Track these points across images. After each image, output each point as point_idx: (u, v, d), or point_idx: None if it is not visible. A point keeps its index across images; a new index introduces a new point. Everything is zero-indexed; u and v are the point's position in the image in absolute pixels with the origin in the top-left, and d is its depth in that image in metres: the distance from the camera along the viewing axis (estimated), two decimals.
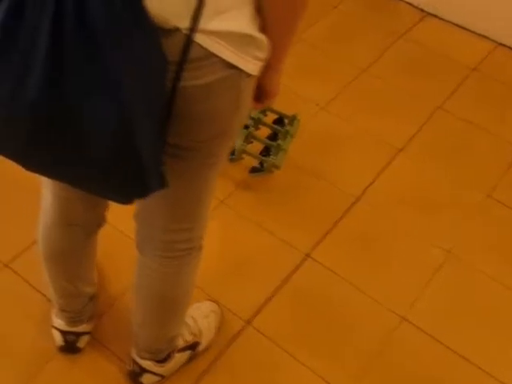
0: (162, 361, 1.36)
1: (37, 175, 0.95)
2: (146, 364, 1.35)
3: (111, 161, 0.81)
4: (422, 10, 2.66)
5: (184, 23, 0.80)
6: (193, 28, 0.80)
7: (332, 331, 1.59)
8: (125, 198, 0.89)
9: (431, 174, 1.99)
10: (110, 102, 0.75)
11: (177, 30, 0.81)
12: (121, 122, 0.77)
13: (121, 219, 1.35)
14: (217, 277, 1.65)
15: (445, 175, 1.99)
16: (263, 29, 0.87)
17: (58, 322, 1.40)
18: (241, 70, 0.87)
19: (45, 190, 1.17)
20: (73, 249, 1.24)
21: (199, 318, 1.46)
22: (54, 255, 1.24)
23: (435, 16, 2.64)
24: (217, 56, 0.84)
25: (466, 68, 2.40)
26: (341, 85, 2.27)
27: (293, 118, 1.96)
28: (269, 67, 0.95)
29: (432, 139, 2.11)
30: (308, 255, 1.73)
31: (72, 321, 1.39)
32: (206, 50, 0.83)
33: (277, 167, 1.87)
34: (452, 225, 1.86)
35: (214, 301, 1.57)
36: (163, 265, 1.16)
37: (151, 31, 0.77)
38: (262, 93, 1.00)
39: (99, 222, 1.24)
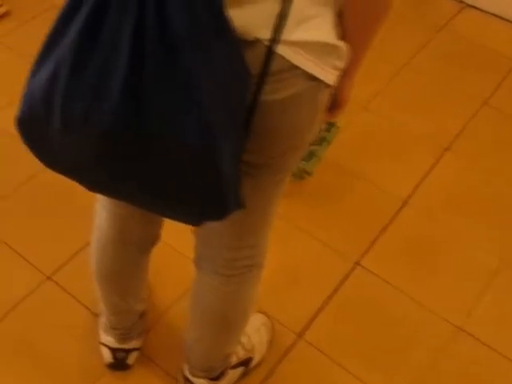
0: (215, 378, 1.31)
1: (81, 188, 0.89)
2: (200, 382, 1.30)
3: (189, 178, 0.75)
4: (460, 1, 2.57)
5: (265, 34, 0.74)
6: (275, 39, 0.74)
7: (387, 343, 1.52)
8: (197, 220, 0.84)
9: (481, 175, 1.91)
10: (191, 108, 0.70)
11: (258, 41, 0.74)
12: (201, 132, 0.71)
13: (168, 232, 1.29)
14: (264, 287, 1.58)
15: (495, 175, 1.91)
16: (342, 35, 0.81)
17: (108, 339, 1.35)
18: (320, 82, 0.81)
19: (99, 208, 1.12)
20: (127, 267, 1.19)
21: (251, 332, 1.40)
22: (108, 274, 1.19)
23: (474, 7, 2.55)
24: (299, 68, 0.77)
25: (509, 60, 2.31)
26: (381, 81, 2.19)
27: (331, 125, 1.87)
28: (344, 75, 0.88)
29: (479, 137, 2.03)
30: (357, 263, 1.67)
31: (122, 338, 1.34)
32: (288, 61, 0.76)
33: (308, 173, 1.79)
34: (506, 228, 1.78)
35: (264, 313, 1.51)
36: (223, 283, 1.10)
37: (232, 42, 0.71)
38: (333, 102, 0.93)
39: (154, 239, 1.19)
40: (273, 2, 0.73)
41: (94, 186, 0.84)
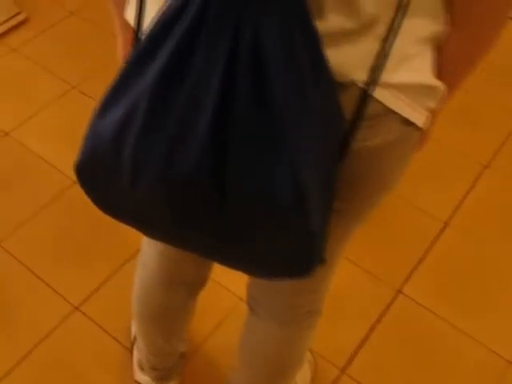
0: None
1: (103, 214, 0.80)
2: None
3: (274, 233, 0.67)
4: None
5: (361, 75, 0.65)
6: (372, 81, 0.65)
7: (432, 377, 1.44)
8: (273, 276, 0.75)
9: None
10: (282, 157, 0.61)
11: (352, 83, 0.66)
12: (292, 183, 0.62)
13: None
14: None
15: None
16: (438, 73, 0.73)
17: (144, 379, 1.27)
18: (414, 126, 0.72)
19: (147, 246, 1.03)
20: (174, 309, 1.10)
21: None
22: (153, 315, 1.10)
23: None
24: (395, 113, 0.69)
25: None
26: None
27: None
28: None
29: None
30: (399, 291, 1.58)
31: (160, 378, 1.25)
32: (384, 105, 0.68)
33: None
34: None
35: None
36: (281, 329, 1.01)
37: (329, 84, 0.63)
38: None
39: (204, 281, 1.10)
40: (372, 41, 0.64)
41: (157, 235, 0.76)
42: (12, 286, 1.51)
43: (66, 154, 1.78)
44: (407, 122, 0.71)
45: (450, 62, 0.71)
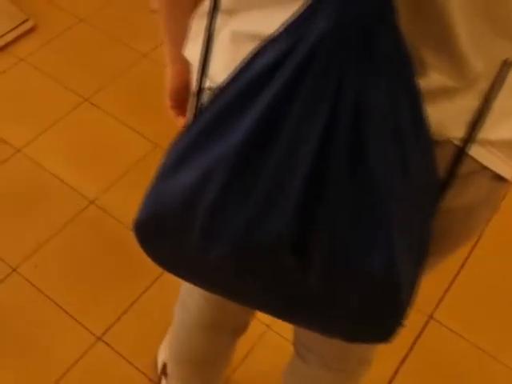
0: None
1: (130, 239, 0.73)
2: None
3: (357, 302, 0.62)
4: None
5: (458, 133, 0.60)
6: (469, 138, 0.60)
7: None
8: (348, 340, 0.70)
9: None
10: (378, 232, 0.56)
11: (448, 141, 0.60)
12: (387, 256, 0.57)
13: None
14: None
15: None
16: None
17: None
18: (504, 180, 0.67)
19: (192, 289, 0.97)
20: (215, 354, 1.05)
21: None
22: (193, 361, 1.05)
23: None
24: (488, 169, 0.63)
25: None
26: None
27: None
28: None
29: None
30: (431, 316, 1.54)
31: None
32: (478, 163, 0.62)
33: None
34: None
35: None
36: (329, 375, 0.96)
37: (428, 145, 0.58)
38: None
39: (246, 325, 1.05)
40: (472, 98, 0.59)
41: (217, 292, 0.70)
42: (30, 314, 1.44)
43: (81, 172, 1.71)
44: (497, 177, 0.66)
45: None
